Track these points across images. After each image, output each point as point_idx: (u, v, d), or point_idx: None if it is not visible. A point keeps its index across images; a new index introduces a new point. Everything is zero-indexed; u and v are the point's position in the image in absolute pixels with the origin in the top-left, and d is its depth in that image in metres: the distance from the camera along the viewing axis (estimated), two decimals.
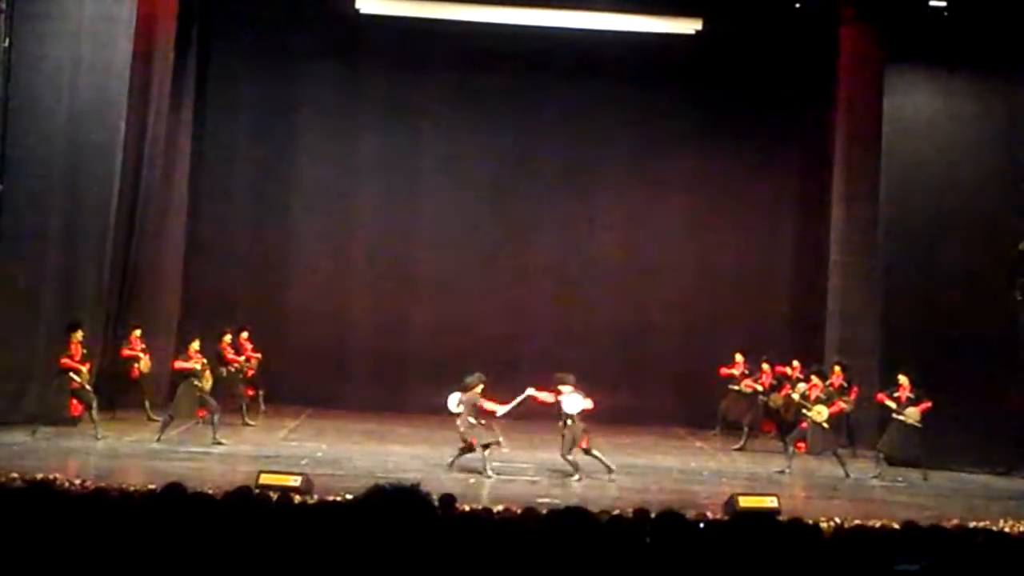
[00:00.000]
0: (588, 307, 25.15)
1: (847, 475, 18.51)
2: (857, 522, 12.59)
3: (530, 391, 17.51)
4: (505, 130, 25.12)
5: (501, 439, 17.67)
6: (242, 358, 21.42)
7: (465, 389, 17.45)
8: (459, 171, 25.27)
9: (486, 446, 17.01)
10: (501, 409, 17.44)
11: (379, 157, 25.21)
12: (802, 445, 19.25)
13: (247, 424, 20.76)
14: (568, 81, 24.82)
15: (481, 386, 17.47)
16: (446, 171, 25.30)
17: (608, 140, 25.31)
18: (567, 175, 25.45)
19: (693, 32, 23.05)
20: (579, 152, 25.38)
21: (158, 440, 18.16)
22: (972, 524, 12.91)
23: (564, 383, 17.46)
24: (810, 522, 9.34)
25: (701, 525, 9.49)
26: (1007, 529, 13.79)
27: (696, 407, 23.65)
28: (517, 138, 25.19)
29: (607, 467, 17.18)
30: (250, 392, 21.65)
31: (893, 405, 18.96)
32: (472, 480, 16.27)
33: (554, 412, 17.34)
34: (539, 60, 24.26)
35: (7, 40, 18.84)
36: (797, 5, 22.22)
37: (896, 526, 10.55)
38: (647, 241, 25.47)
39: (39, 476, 13.07)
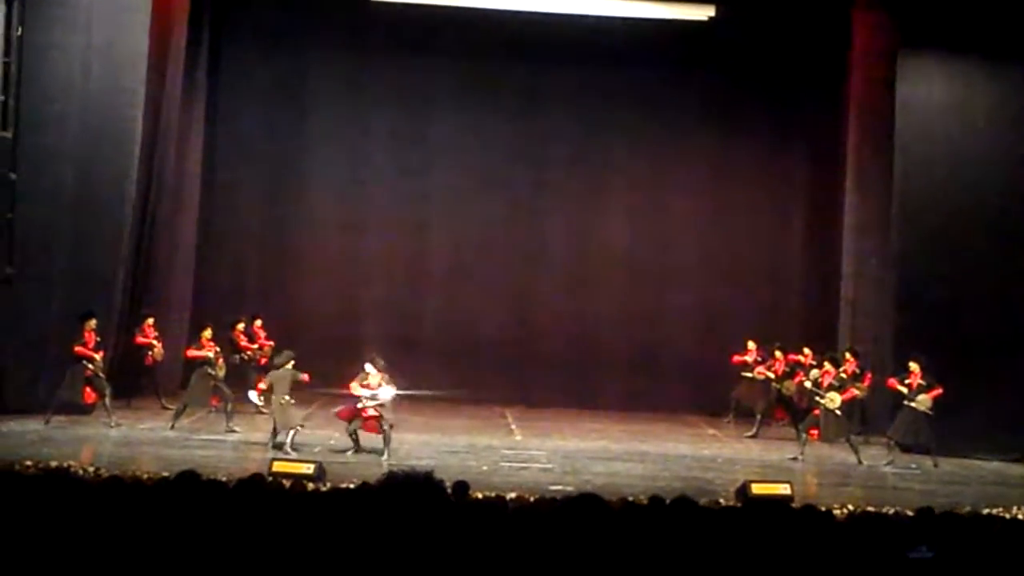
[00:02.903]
0: (600, 294, 25.14)
1: (860, 462, 18.49)
2: (870, 509, 12.60)
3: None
4: (515, 117, 25.11)
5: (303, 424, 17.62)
6: (255, 346, 21.44)
7: (277, 368, 17.45)
8: (470, 159, 25.25)
9: (291, 427, 17.04)
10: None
11: (390, 144, 25.21)
12: (815, 432, 19.23)
13: (260, 412, 20.79)
14: (580, 68, 24.79)
15: (292, 363, 17.50)
16: (457, 159, 25.29)
17: (619, 127, 25.26)
18: (578, 162, 25.43)
19: (706, 19, 22.96)
20: (590, 139, 25.35)
21: (171, 428, 18.22)
22: (985, 511, 12.91)
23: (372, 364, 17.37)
24: (823, 509, 9.34)
25: (714, 512, 9.49)
26: (1020, 516, 13.78)
27: (709, 394, 23.63)
28: (527, 125, 25.16)
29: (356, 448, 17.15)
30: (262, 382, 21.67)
31: (905, 391, 18.91)
32: (485, 467, 16.27)
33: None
34: (550, 47, 24.21)
35: (19, 28, 18.85)
36: None
37: (909, 513, 10.54)
38: (659, 228, 25.44)
39: (53, 464, 13.12)
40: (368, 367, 17.31)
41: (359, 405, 17.16)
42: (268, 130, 25.00)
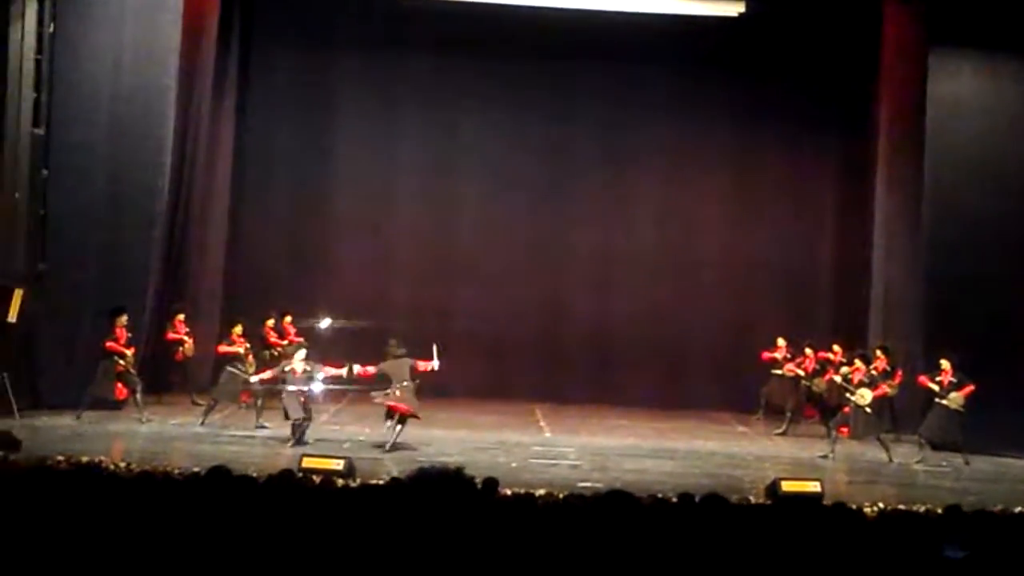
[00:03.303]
0: (629, 291, 25.10)
1: (890, 460, 18.42)
2: (901, 507, 12.55)
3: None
4: (545, 115, 25.08)
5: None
6: (285, 342, 21.47)
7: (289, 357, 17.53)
8: (498, 157, 25.23)
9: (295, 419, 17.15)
10: (332, 370, 17.60)
11: (419, 142, 25.24)
12: (845, 430, 19.17)
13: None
14: (610, 65, 24.74)
15: (304, 351, 17.67)
16: (485, 157, 25.28)
17: (649, 124, 25.21)
18: (607, 160, 25.39)
19: (736, 15, 22.89)
20: (619, 137, 25.30)
21: (202, 423, 18.29)
22: (1017, 509, 12.85)
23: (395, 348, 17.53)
24: (853, 507, 9.31)
25: (744, 509, 9.47)
26: None
27: (738, 392, 23.57)
28: (557, 123, 25.12)
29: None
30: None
31: (936, 388, 18.83)
32: (514, 464, 16.28)
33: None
34: (579, 44, 24.18)
35: (51, 26, 18.97)
36: None
37: (940, 511, 10.50)
38: (688, 225, 25.40)
39: (85, 459, 13.17)
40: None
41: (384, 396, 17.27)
42: (298, 127, 25.05)
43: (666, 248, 25.23)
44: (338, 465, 13.83)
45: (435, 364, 17.54)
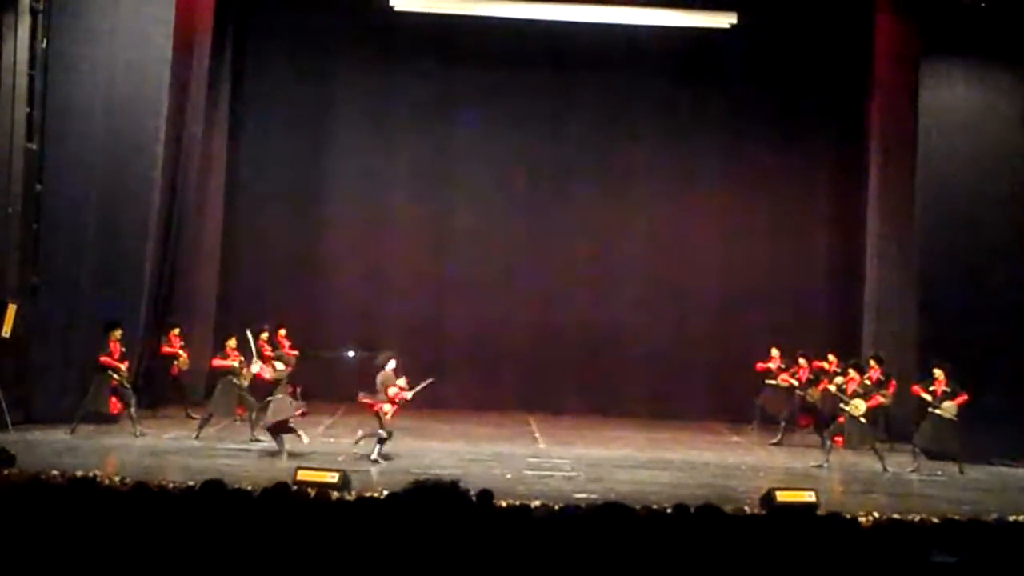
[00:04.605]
0: (623, 302, 25.12)
1: (885, 469, 18.42)
2: (895, 516, 12.56)
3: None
4: (538, 126, 25.13)
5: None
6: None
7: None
8: (492, 168, 25.27)
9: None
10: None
11: (413, 154, 25.27)
12: (839, 439, 19.18)
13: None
14: (602, 77, 24.80)
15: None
16: (479, 168, 25.31)
17: (642, 136, 25.28)
18: (600, 171, 25.43)
19: (728, 26, 22.94)
20: (612, 147, 25.35)
21: (197, 437, 18.26)
22: (1011, 518, 12.86)
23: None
24: (848, 516, 9.32)
25: (739, 519, 9.46)
26: None
27: (732, 402, 23.60)
28: (550, 134, 25.18)
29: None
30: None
31: (929, 398, 18.85)
32: (509, 476, 16.27)
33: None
34: (572, 56, 24.26)
35: (44, 40, 18.99)
36: None
37: (935, 520, 10.51)
38: (682, 236, 25.42)
39: (79, 473, 13.16)
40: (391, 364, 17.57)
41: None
42: (291, 140, 25.08)
43: (659, 259, 25.25)
44: (333, 478, 13.82)
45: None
